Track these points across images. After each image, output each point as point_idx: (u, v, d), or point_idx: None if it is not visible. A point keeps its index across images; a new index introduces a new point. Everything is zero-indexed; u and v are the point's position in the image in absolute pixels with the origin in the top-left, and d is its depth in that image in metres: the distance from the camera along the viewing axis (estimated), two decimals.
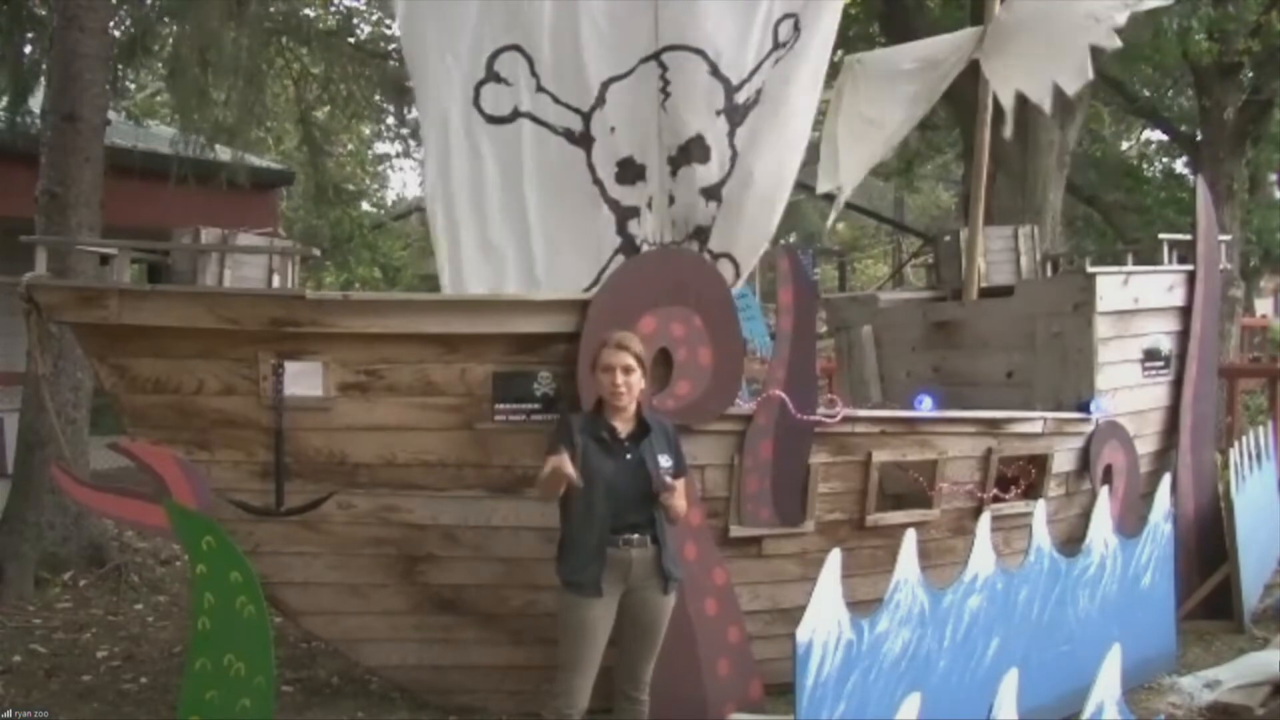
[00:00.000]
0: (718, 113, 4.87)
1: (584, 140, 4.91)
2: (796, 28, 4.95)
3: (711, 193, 4.90)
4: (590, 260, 4.89)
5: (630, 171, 4.91)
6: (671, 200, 4.87)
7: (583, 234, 4.92)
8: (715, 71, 4.86)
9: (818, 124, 5.92)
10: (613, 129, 4.93)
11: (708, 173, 4.94)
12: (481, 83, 4.84)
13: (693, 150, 4.85)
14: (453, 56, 4.84)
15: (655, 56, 4.89)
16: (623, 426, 3.77)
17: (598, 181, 4.91)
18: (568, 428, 3.77)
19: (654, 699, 3.87)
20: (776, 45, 4.97)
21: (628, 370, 3.72)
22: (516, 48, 4.87)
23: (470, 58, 4.85)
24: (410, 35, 4.97)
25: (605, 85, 4.91)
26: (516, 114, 4.86)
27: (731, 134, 4.90)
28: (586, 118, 4.91)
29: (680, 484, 3.79)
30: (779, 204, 5.01)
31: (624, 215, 4.90)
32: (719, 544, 4.60)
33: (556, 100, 4.90)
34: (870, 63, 6.88)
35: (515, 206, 4.85)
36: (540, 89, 4.89)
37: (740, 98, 4.90)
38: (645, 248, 4.92)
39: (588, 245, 4.90)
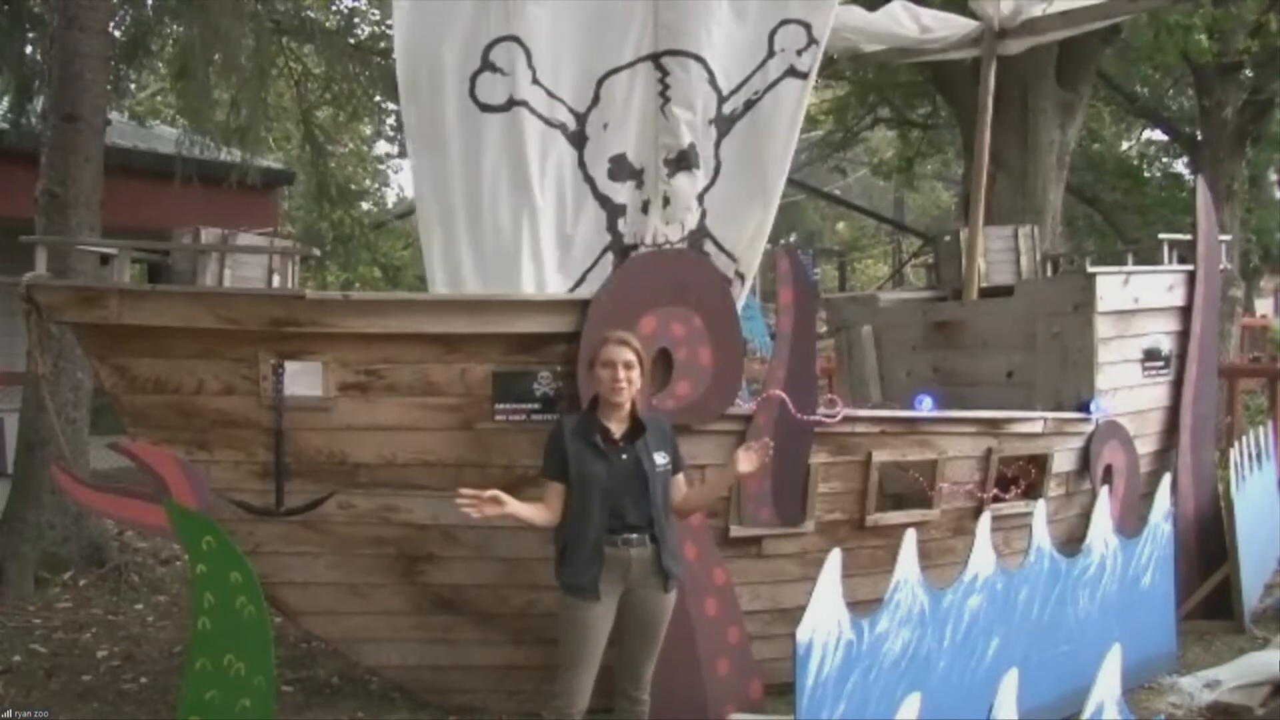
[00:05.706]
0: (709, 122, 4.83)
1: (577, 139, 4.86)
2: (810, 38, 4.88)
3: (699, 199, 4.86)
4: (578, 257, 4.84)
5: (622, 169, 4.83)
6: (666, 201, 4.84)
7: (570, 229, 4.88)
8: (712, 80, 4.82)
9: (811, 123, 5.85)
10: (605, 125, 4.87)
11: (701, 178, 4.86)
12: (477, 72, 4.80)
13: (689, 156, 4.82)
14: (447, 49, 4.79)
15: (655, 58, 4.85)
16: (618, 426, 3.76)
17: (588, 179, 4.85)
18: (559, 439, 3.76)
19: (654, 699, 3.87)
20: (771, 53, 4.90)
21: (628, 366, 3.71)
22: (514, 39, 4.83)
23: (466, 49, 4.80)
24: (404, 30, 4.91)
25: (601, 82, 4.87)
26: (512, 102, 4.77)
27: (718, 144, 4.84)
28: (582, 118, 4.87)
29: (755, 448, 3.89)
30: (765, 221, 4.88)
31: (613, 213, 4.85)
32: (719, 544, 4.60)
33: (551, 95, 4.86)
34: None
35: (506, 200, 4.79)
36: (535, 81, 4.84)
37: (728, 108, 4.84)
38: (640, 247, 4.88)
39: (575, 241, 4.86)
